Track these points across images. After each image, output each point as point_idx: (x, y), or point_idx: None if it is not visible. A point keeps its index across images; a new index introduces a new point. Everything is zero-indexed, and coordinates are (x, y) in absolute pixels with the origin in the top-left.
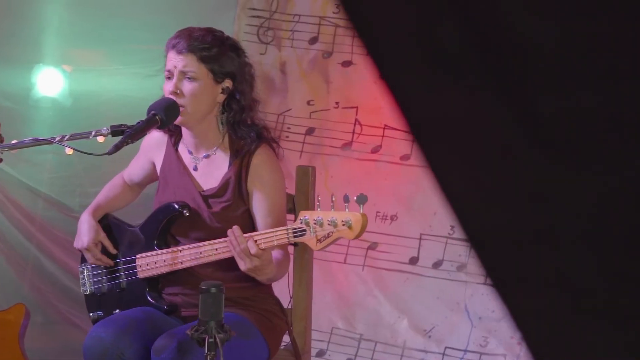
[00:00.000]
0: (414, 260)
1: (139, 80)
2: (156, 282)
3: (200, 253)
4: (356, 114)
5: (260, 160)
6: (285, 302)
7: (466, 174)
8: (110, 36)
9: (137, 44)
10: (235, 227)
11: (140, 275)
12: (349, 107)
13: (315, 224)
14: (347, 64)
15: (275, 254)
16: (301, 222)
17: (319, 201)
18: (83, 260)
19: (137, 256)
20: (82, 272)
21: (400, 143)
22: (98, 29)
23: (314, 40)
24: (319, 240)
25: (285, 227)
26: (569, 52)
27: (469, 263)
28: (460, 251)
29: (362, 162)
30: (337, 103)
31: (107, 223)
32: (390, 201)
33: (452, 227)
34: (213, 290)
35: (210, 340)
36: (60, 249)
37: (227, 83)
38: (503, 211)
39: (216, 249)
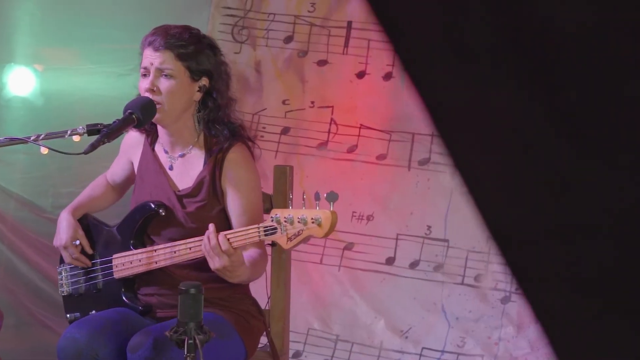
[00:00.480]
0: (390, 261)
1: (112, 79)
2: (132, 283)
3: (175, 252)
4: (332, 114)
5: (233, 158)
6: (263, 303)
7: (491, 168)
8: (83, 35)
9: (110, 43)
10: (210, 224)
11: (116, 275)
12: (324, 106)
13: (286, 221)
14: (322, 63)
15: (252, 252)
16: (272, 220)
17: (291, 199)
18: (62, 261)
19: (114, 256)
20: (61, 273)
21: (376, 143)
22: (70, 28)
23: (289, 39)
24: (289, 239)
25: (256, 225)
26: (604, 41)
27: (445, 263)
28: (437, 251)
29: (338, 161)
30: (312, 102)
31: (86, 223)
32: (366, 201)
33: (429, 227)
34: (192, 291)
35: (190, 341)
36: (32, 249)
37: (204, 81)
38: (529, 206)
39: (190, 248)
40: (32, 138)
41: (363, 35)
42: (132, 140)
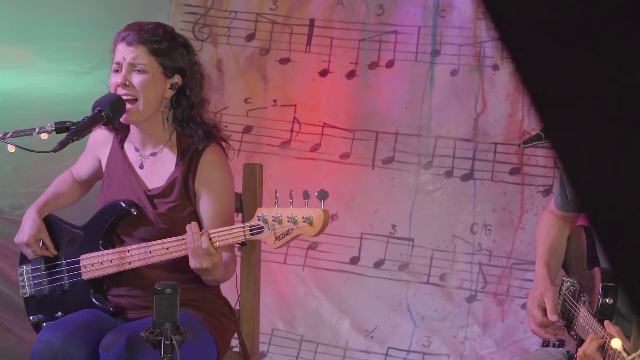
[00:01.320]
0: (355, 260)
1: (71, 78)
2: (101, 284)
3: (150, 252)
4: (295, 112)
5: (209, 159)
6: (233, 304)
7: (592, 153)
8: (41, 33)
9: (69, 42)
10: (193, 222)
11: (85, 276)
12: (287, 105)
13: (273, 220)
14: (284, 61)
15: (223, 254)
16: (258, 219)
17: (276, 197)
18: (22, 261)
19: (82, 257)
20: (22, 274)
21: (339, 141)
22: (27, 26)
23: (250, 37)
24: (277, 238)
25: (241, 225)
26: None
27: (410, 262)
28: (402, 250)
29: (301, 160)
30: (275, 101)
31: (49, 222)
32: (330, 200)
33: (394, 226)
34: (168, 291)
35: (167, 342)
36: None
37: (177, 79)
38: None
39: (167, 249)
40: None
41: (326, 34)
42: (100, 138)
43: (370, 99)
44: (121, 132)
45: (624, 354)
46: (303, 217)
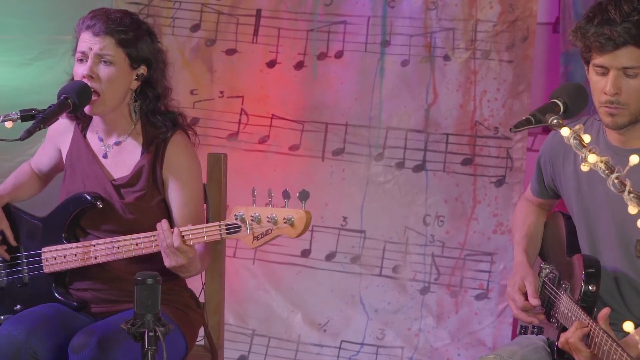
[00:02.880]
0: (306, 253)
1: (10, 69)
2: (63, 277)
3: (118, 248)
4: (242, 104)
5: (175, 147)
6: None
7: None
8: None
9: (7, 33)
10: (163, 220)
11: (47, 269)
12: (234, 96)
13: (252, 220)
14: (231, 52)
15: (198, 246)
16: (236, 218)
17: (254, 196)
18: None
19: (43, 250)
20: None
21: (288, 133)
22: None
23: (196, 28)
24: (255, 238)
25: (217, 223)
26: None
27: (362, 254)
28: (354, 242)
29: (249, 152)
30: (221, 92)
31: (8, 212)
32: (280, 193)
33: (345, 218)
34: (149, 281)
35: (151, 334)
36: None
37: (142, 69)
38: None
39: (136, 244)
40: None
41: (273, 24)
42: (60, 127)
43: (319, 90)
44: (83, 121)
45: (637, 337)
46: (284, 218)
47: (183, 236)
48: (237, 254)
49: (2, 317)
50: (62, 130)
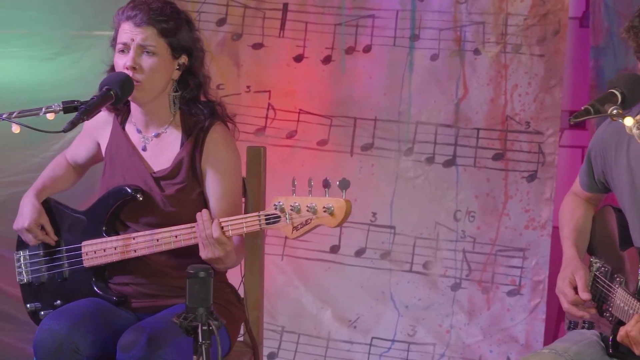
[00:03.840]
0: (335, 249)
1: (34, 64)
2: (102, 271)
3: (157, 240)
4: (269, 98)
5: (214, 138)
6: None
7: None
8: (3, 17)
9: (31, 27)
10: (204, 210)
11: (87, 263)
12: (261, 91)
13: (292, 209)
14: (258, 46)
15: (234, 239)
16: (275, 208)
17: (294, 185)
18: (20, 246)
19: (83, 243)
20: (19, 260)
21: (316, 128)
22: None
23: (221, 22)
24: (295, 228)
25: (256, 213)
26: None
27: (392, 250)
28: (383, 238)
29: (277, 147)
30: (248, 87)
31: (49, 207)
32: (307, 188)
33: (374, 213)
34: (202, 274)
35: (204, 328)
36: None
37: (183, 59)
38: None
39: (175, 236)
40: (4, 115)
41: (300, 18)
42: (98, 120)
43: (347, 84)
44: (122, 114)
45: None
46: (324, 207)
47: (222, 227)
48: (266, 250)
49: (42, 313)
50: (100, 123)
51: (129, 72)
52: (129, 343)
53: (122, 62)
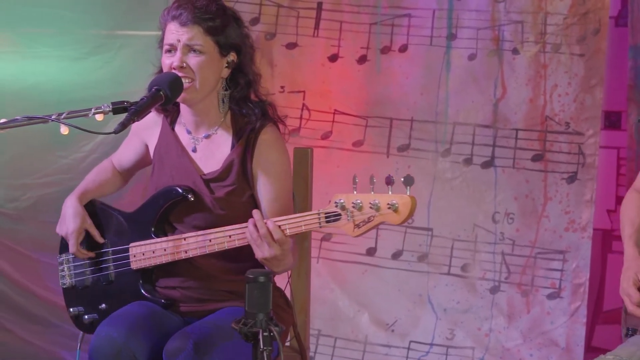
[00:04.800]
0: (371, 251)
1: (66, 64)
2: (150, 274)
3: (210, 241)
4: (303, 99)
5: (266, 139)
6: None
7: None
8: (34, 16)
9: (62, 26)
10: (255, 210)
11: (134, 265)
12: (295, 91)
13: (353, 207)
14: (291, 46)
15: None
16: (336, 205)
17: (356, 183)
18: (63, 249)
19: (131, 245)
20: (62, 264)
21: (352, 128)
22: (15, 8)
23: (255, 21)
24: (357, 226)
25: (316, 211)
26: None
27: (430, 253)
28: (421, 240)
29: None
30: (282, 87)
31: (94, 209)
32: (343, 190)
33: None
34: (262, 279)
35: (265, 334)
36: None
37: (232, 56)
38: None
39: (229, 236)
40: (53, 116)
41: (335, 17)
42: (147, 121)
43: (383, 84)
44: (171, 115)
45: None
46: (388, 204)
47: (280, 226)
48: None
49: (86, 317)
50: (149, 124)
51: (177, 72)
52: (174, 349)
53: (169, 63)
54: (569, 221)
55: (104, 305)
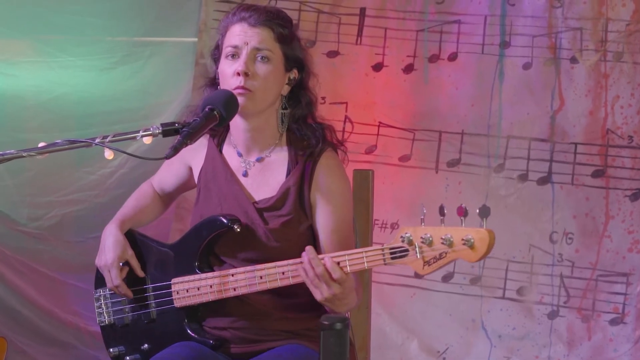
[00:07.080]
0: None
1: (94, 74)
2: (196, 312)
3: (261, 277)
4: (346, 111)
5: (326, 166)
6: None
7: None
8: (59, 23)
9: (90, 34)
10: (309, 247)
11: (178, 303)
12: (337, 102)
13: (422, 242)
14: (333, 54)
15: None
16: (402, 240)
17: (423, 214)
18: (99, 283)
19: (173, 281)
20: (99, 300)
21: (398, 142)
22: (41, 16)
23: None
24: (427, 263)
25: (380, 247)
26: None
27: (483, 275)
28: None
29: (355, 164)
30: (323, 98)
31: (133, 240)
32: (389, 208)
33: None
34: (338, 326)
35: None
36: (6, 267)
37: (294, 73)
38: None
39: (282, 273)
40: (97, 140)
41: (379, 24)
42: None
43: (431, 95)
44: (218, 135)
45: None
46: (462, 239)
47: (338, 263)
48: None
49: (127, 358)
50: (194, 145)
51: (240, 79)
52: None
53: (231, 69)
54: (632, 241)
55: (146, 346)
